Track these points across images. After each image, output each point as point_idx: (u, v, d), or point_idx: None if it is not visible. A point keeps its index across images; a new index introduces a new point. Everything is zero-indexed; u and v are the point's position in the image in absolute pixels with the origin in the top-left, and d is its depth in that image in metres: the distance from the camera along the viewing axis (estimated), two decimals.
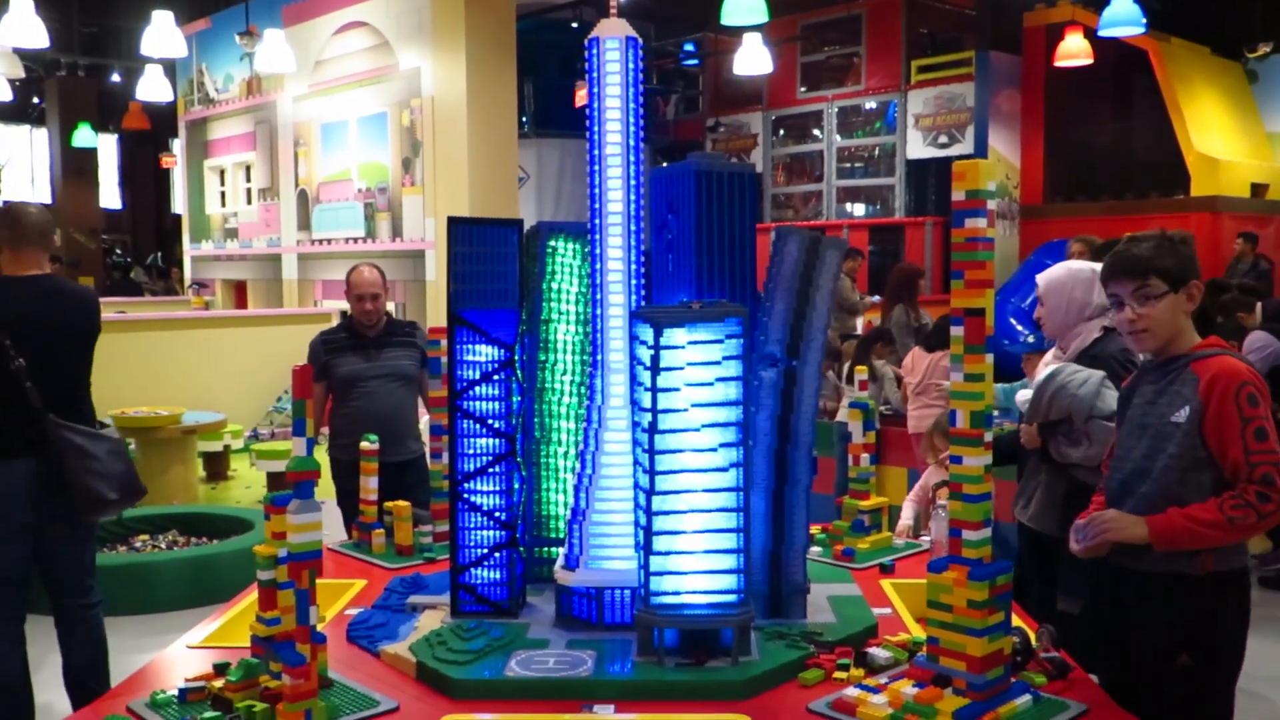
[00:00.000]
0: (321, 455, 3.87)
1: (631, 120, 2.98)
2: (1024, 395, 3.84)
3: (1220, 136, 13.29)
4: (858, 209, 15.34)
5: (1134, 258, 2.68)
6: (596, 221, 3.00)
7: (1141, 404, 2.74)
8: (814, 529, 3.72)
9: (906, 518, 5.07)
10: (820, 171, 15.40)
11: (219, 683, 2.55)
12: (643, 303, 3.05)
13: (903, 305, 8.57)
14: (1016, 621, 2.65)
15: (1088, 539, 2.67)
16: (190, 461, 8.59)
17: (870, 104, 14.83)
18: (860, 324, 10.59)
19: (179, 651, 3.01)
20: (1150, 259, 2.66)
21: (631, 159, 2.97)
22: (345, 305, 5.48)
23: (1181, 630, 2.62)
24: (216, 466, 9.34)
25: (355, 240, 13.26)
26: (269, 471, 8.54)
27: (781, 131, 16.01)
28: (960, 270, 2.45)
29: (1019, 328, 9.08)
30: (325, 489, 4.07)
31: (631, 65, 2.98)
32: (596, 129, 2.98)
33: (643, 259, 3.06)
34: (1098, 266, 3.28)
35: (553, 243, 3.31)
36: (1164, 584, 2.62)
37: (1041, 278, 3.78)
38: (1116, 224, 12.04)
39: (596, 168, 2.98)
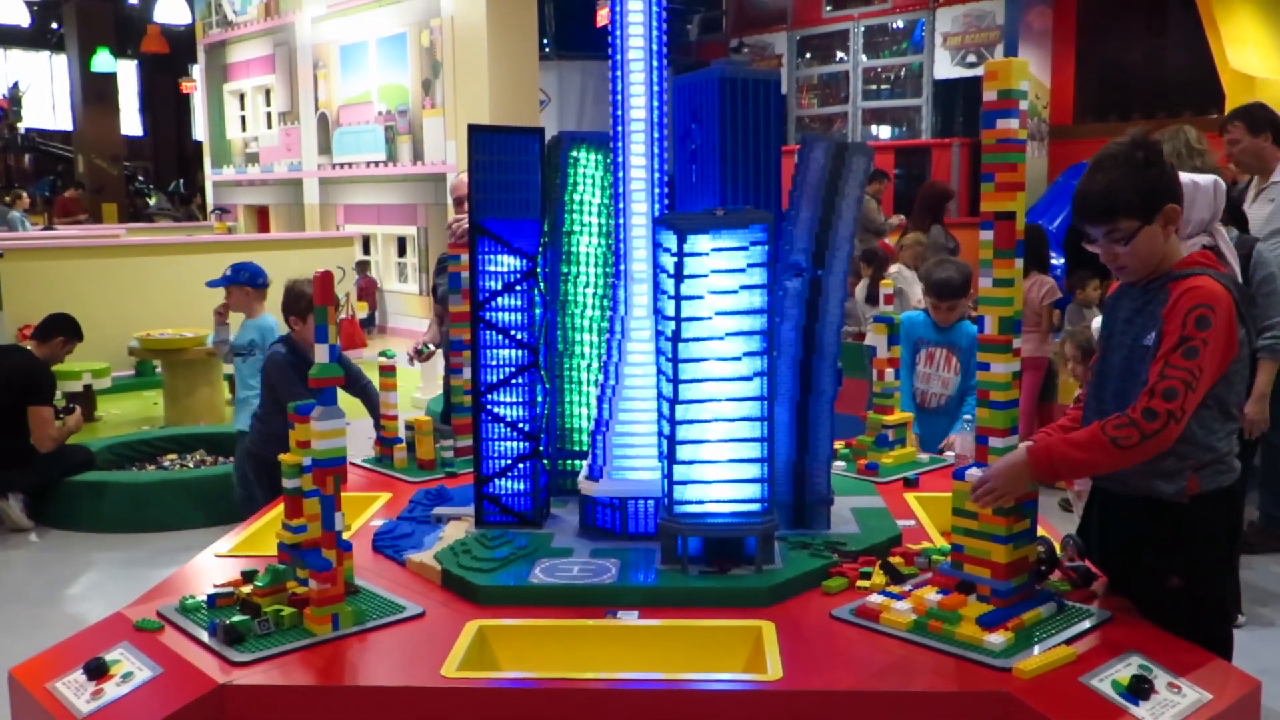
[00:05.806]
0: None
1: (655, 24, 2.91)
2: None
3: (1257, 53, 12.93)
4: (884, 131, 15.10)
5: (1098, 200, 2.44)
6: (619, 129, 2.95)
7: (1120, 321, 2.56)
8: (838, 444, 3.71)
9: None
10: (846, 93, 15.14)
11: (247, 588, 2.59)
12: (666, 213, 3.00)
13: (938, 225, 8.45)
14: (1041, 531, 2.63)
15: (984, 503, 2.44)
16: (216, 383, 8.65)
17: (897, 23, 14.52)
18: None
19: (207, 560, 3.05)
20: (1114, 199, 2.41)
21: (655, 63, 2.91)
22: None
23: (1171, 554, 2.50)
24: None
25: (376, 164, 13.17)
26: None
27: (807, 54, 15.73)
28: (991, 173, 2.39)
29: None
30: None
31: None
32: (619, 33, 2.91)
33: (665, 171, 3.02)
34: (1197, 179, 3.08)
35: (575, 153, 3.26)
36: (1151, 509, 2.48)
37: None
38: None
39: (619, 73, 2.92)
